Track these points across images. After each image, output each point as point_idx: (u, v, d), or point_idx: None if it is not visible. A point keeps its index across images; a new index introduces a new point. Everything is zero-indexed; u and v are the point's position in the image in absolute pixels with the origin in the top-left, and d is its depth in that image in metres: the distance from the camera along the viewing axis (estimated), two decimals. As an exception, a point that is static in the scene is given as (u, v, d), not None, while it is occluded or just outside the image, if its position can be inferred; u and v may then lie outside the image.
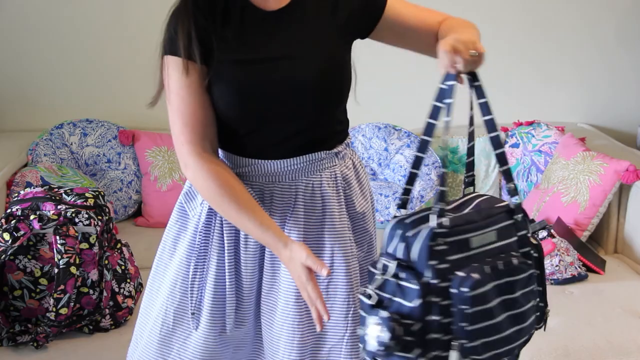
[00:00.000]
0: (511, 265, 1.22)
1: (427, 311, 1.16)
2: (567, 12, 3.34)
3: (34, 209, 2.10)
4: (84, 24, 3.16)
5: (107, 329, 2.16)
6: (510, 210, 1.27)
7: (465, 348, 1.17)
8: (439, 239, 1.17)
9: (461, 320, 1.16)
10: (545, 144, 3.11)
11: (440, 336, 1.17)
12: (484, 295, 1.17)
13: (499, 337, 1.21)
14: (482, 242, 1.22)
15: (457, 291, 1.16)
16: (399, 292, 1.18)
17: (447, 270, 1.17)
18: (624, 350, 2.11)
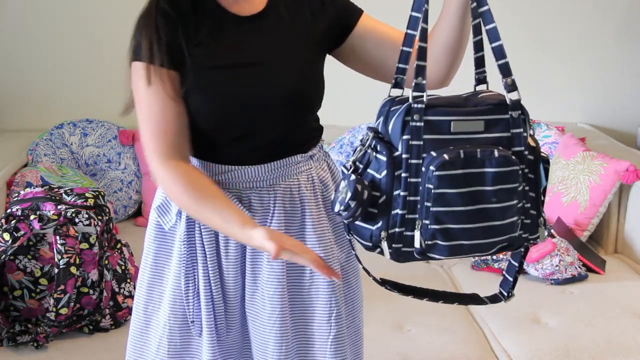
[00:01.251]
0: (490, 155, 1.18)
1: (394, 185, 1.18)
2: (567, 12, 3.34)
3: (34, 209, 2.10)
4: (84, 23, 3.16)
5: (107, 329, 2.16)
6: (506, 104, 1.23)
7: (428, 230, 1.17)
8: (416, 115, 1.17)
9: (426, 200, 1.16)
10: (545, 144, 3.11)
11: (404, 213, 1.18)
12: (452, 177, 1.15)
13: (466, 228, 1.18)
14: (465, 129, 1.20)
15: (425, 169, 1.16)
16: (374, 163, 1.20)
17: (421, 148, 1.17)
18: (624, 350, 2.11)
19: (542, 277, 2.48)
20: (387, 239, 1.20)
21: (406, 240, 1.20)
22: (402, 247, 1.21)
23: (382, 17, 1.48)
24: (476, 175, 1.17)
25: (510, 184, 1.19)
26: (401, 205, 1.18)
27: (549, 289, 2.44)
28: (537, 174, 1.26)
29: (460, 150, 1.17)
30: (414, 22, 1.21)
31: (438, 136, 1.18)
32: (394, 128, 1.19)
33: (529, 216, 1.25)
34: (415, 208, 1.18)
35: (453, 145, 1.18)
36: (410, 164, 1.17)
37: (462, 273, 2.61)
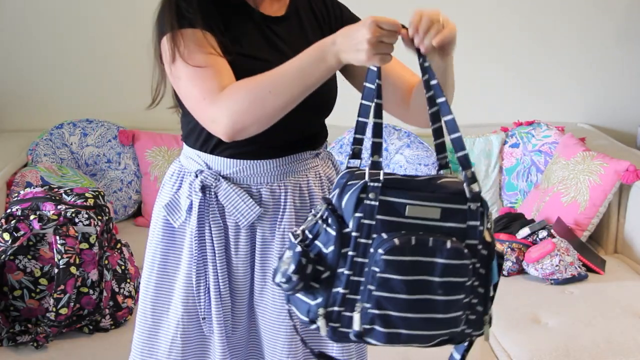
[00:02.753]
0: (442, 246, 1.13)
1: (340, 262, 1.13)
2: (567, 12, 3.34)
3: (34, 209, 2.10)
4: (84, 24, 3.16)
5: (107, 329, 2.16)
6: (465, 195, 1.17)
7: (367, 314, 1.13)
8: (372, 194, 1.13)
9: (370, 283, 1.12)
10: (545, 144, 3.11)
11: (345, 292, 1.14)
12: (400, 264, 1.11)
13: (407, 317, 1.14)
14: (420, 214, 1.15)
15: (373, 251, 1.12)
16: (323, 236, 1.16)
17: (372, 228, 1.13)
18: (624, 350, 2.11)
19: (542, 277, 2.48)
20: (325, 317, 1.15)
21: (344, 320, 1.15)
22: (339, 326, 1.16)
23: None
24: (425, 264, 1.13)
25: (458, 278, 1.15)
26: (344, 284, 1.13)
27: (549, 289, 2.44)
28: (489, 270, 1.21)
29: (412, 236, 1.12)
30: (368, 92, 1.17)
31: (392, 218, 1.14)
32: (348, 203, 1.14)
33: (475, 312, 1.21)
34: (357, 289, 1.14)
35: (406, 230, 1.13)
36: (359, 242, 1.13)
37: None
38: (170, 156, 3.03)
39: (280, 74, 1.24)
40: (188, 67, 1.30)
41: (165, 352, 1.47)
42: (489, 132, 3.22)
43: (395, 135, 3.15)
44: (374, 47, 1.15)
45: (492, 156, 3.17)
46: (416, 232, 1.13)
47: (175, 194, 1.46)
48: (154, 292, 1.49)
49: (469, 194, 1.17)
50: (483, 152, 3.17)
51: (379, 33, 1.15)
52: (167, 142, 3.06)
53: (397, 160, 3.11)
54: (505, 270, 2.54)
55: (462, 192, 1.18)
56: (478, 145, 3.17)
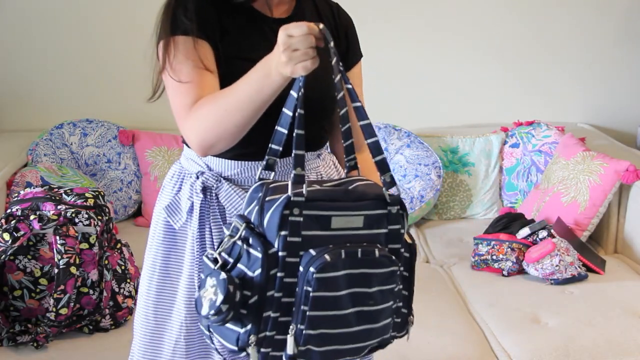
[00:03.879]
0: (371, 256, 1.11)
1: (268, 285, 1.08)
2: (566, 12, 3.34)
3: (34, 209, 2.10)
4: (84, 24, 3.16)
5: (107, 329, 2.16)
6: (385, 200, 1.16)
7: (302, 335, 1.08)
8: (295, 209, 1.08)
9: (303, 303, 1.07)
10: (545, 144, 3.11)
11: (277, 316, 1.09)
12: (333, 280, 1.08)
13: (342, 332, 1.11)
14: (345, 225, 1.12)
15: (304, 270, 1.07)
16: (245, 259, 1.10)
17: (299, 246, 1.08)
18: (624, 350, 2.11)
19: (542, 277, 2.48)
20: (257, 344, 1.09)
21: (276, 344, 1.10)
22: (270, 351, 1.11)
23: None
24: (357, 276, 1.10)
25: (389, 285, 1.14)
26: (275, 308, 1.08)
27: (549, 289, 2.44)
28: (412, 272, 1.21)
29: (341, 250, 1.09)
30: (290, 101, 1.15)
31: (318, 232, 1.10)
32: (271, 222, 1.09)
33: (400, 315, 1.21)
34: (289, 311, 1.09)
35: (333, 243, 1.10)
36: (287, 262, 1.08)
37: (462, 273, 2.61)
38: (170, 156, 3.03)
39: (233, 91, 1.22)
40: (173, 79, 1.30)
41: (169, 355, 1.46)
42: (489, 132, 3.22)
43: (395, 135, 3.15)
44: (291, 58, 1.10)
45: (492, 156, 3.17)
46: (343, 243, 1.11)
47: (175, 196, 1.45)
48: (156, 294, 1.47)
49: (388, 198, 1.16)
50: (483, 152, 3.17)
51: (289, 42, 1.10)
52: (167, 142, 3.06)
53: (397, 160, 3.11)
54: (505, 270, 2.54)
55: (381, 196, 1.16)
56: (478, 145, 3.17)
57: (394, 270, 1.14)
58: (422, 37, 3.27)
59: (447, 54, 3.31)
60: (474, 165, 3.16)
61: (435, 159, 3.10)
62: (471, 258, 2.64)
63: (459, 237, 2.92)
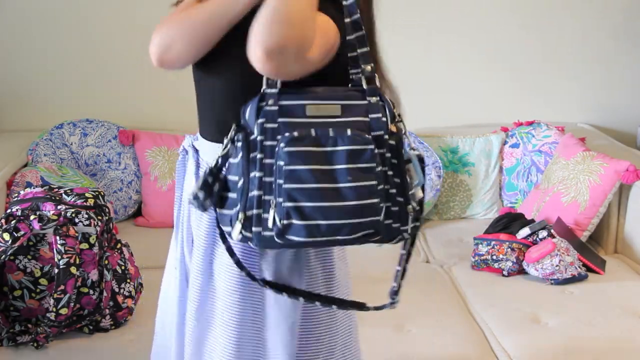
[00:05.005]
0: (343, 134, 1.20)
1: (250, 167, 1.21)
2: (566, 12, 3.34)
3: (34, 209, 2.10)
4: (84, 24, 3.16)
5: (107, 329, 2.15)
6: (363, 91, 1.27)
7: (282, 208, 1.18)
8: (270, 100, 1.21)
9: (278, 177, 1.19)
10: (545, 144, 3.11)
11: (260, 194, 1.21)
12: (303, 154, 1.18)
13: (317, 206, 1.18)
14: (321, 113, 1.22)
15: (277, 147, 1.19)
16: (233, 151, 1.25)
17: (275, 131, 1.20)
18: (624, 350, 2.11)
19: (542, 277, 2.48)
20: (245, 221, 1.21)
21: (265, 224, 1.21)
22: (261, 230, 1.21)
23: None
24: (329, 153, 1.20)
25: (364, 163, 1.21)
26: (257, 186, 1.21)
27: (549, 289, 2.44)
28: (401, 159, 1.27)
29: (311, 129, 1.20)
30: None
31: (293, 119, 1.21)
32: (250, 114, 1.23)
33: (396, 203, 1.26)
34: (271, 189, 1.20)
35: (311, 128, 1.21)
36: (265, 145, 1.21)
37: (462, 273, 2.61)
38: (170, 156, 3.03)
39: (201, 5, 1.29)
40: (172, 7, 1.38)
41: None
42: (489, 132, 3.22)
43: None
44: None
45: (492, 156, 3.17)
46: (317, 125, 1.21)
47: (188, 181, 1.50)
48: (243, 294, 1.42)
49: (366, 89, 1.27)
50: (483, 152, 3.17)
51: None
52: (167, 142, 3.06)
53: (397, 160, 3.11)
54: (506, 270, 2.54)
55: (360, 89, 1.27)
56: (478, 145, 3.17)
57: (368, 149, 1.21)
58: (422, 38, 3.27)
59: (447, 54, 3.31)
60: (474, 165, 3.16)
61: (436, 159, 3.10)
62: (471, 258, 2.64)
63: (459, 237, 2.93)
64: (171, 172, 3.01)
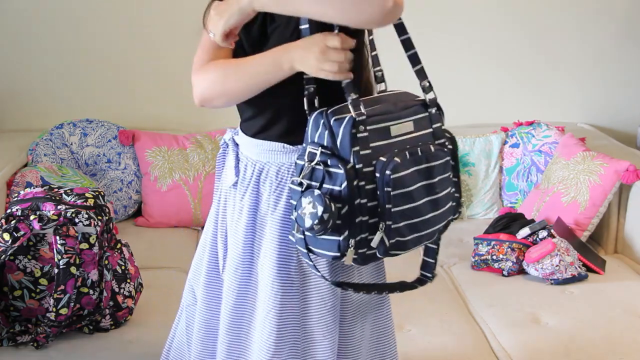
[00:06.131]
0: (429, 152, 1.34)
1: (355, 194, 1.26)
2: (567, 12, 3.34)
3: (34, 209, 2.10)
4: (84, 24, 3.16)
5: (107, 329, 2.16)
6: (425, 104, 1.41)
7: (390, 229, 1.28)
8: (360, 127, 1.27)
9: (386, 202, 1.27)
10: (545, 144, 3.11)
11: (367, 219, 1.28)
12: (405, 178, 1.29)
13: (421, 220, 1.33)
14: (401, 132, 1.33)
15: (380, 175, 1.27)
16: (328, 178, 1.27)
17: (370, 156, 1.28)
18: (624, 350, 2.11)
19: (542, 277, 2.48)
20: (355, 246, 1.27)
21: (369, 245, 1.29)
22: (366, 251, 1.30)
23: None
24: (424, 171, 1.33)
25: (445, 174, 1.38)
26: (364, 212, 1.27)
27: (549, 289, 2.44)
28: (457, 161, 1.43)
29: (405, 152, 1.30)
30: None
31: (382, 142, 1.30)
32: (343, 141, 1.27)
33: (455, 199, 1.43)
34: (375, 212, 1.28)
35: (396, 148, 1.31)
36: (365, 172, 1.27)
37: (462, 273, 2.61)
38: (170, 156, 3.03)
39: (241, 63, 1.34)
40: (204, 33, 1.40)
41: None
42: (489, 132, 3.22)
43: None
44: (321, 65, 1.26)
45: (492, 156, 3.17)
46: (404, 147, 1.32)
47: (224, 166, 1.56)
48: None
49: (428, 101, 1.42)
50: (483, 152, 3.17)
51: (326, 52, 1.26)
52: (167, 142, 3.06)
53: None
54: (506, 271, 2.54)
55: (422, 101, 1.42)
56: (478, 145, 3.17)
57: (447, 160, 1.39)
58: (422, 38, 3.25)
59: (447, 54, 3.31)
60: (474, 165, 3.16)
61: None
62: (471, 258, 2.64)
63: (459, 237, 2.93)
64: (171, 172, 3.01)
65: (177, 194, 3.00)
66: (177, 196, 3.00)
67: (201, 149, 3.05)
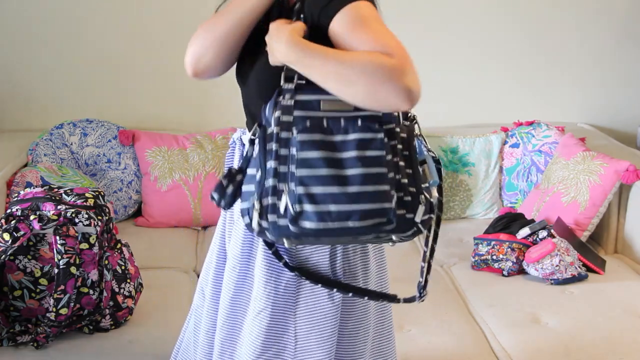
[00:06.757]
0: (354, 123, 1.28)
1: (267, 157, 1.28)
2: (567, 12, 3.34)
3: (34, 209, 2.10)
4: (84, 24, 3.16)
5: (107, 329, 2.16)
6: None
7: (294, 194, 1.24)
8: (287, 95, 1.28)
9: (291, 164, 1.25)
10: (545, 144, 3.11)
11: (274, 184, 1.26)
12: (315, 142, 1.25)
13: (328, 193, 1.24)
14: (334, 108, 1.28)
15: (290, 137, 1.27)
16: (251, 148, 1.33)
17: (291, 123, 1.27)
18: (624, 350, 2.11)
19: (542, 277, 2.48)
20: (260, 210, 1.26)
21: (279, 212, 1.26)
22: (277, 219, 1.26)
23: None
24: (339, 142, 1.26)
25: (375, 151, 1.26)
26: (272, 175, 1.27)
27: (549, 289, 2.44)
28: (413, 152, 1.33)
29: (323, 119, 1.27)
30: None
31: (307, 112, 1.28)
32: (269, 110, 1.30)
33: (409, 193, 1.29)
34: (285, 178, 1.27)
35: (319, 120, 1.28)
36: (281, 137, 1.27)
37: (462, 273, 2.61)
38: (170, 156, 3.03)
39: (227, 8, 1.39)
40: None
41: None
42: (489, 132, 3.22)
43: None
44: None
45: (492, 156, 3.17)
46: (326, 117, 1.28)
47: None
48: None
49: None
50: (483, 152, 3.17)
51: None
52: (167, 142, 3.06)
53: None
54: (506, 270, 2.54)
55: None
56: (478, 145, 3.17)
57: (377, 137, 1.27)
58: (422, 38, 3.27)
59: (447, 54, 3.31)
60: (474, 165, 3.16)
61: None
62: (471, 258, 2.64)
63: (459, 237, 2.93)
64: (171, 172, 3.01)
65: (177, 194, 3.00)
66: (177, 196, 3.00)
67: (201, 149, 3.05)
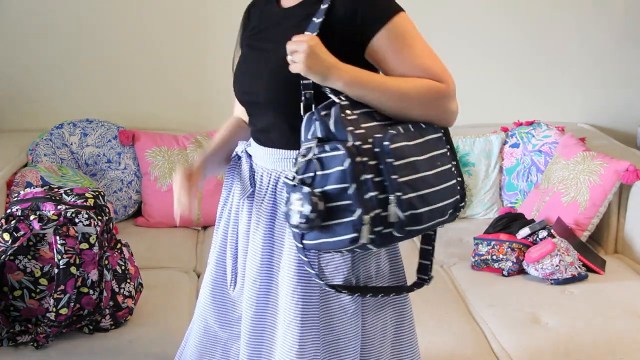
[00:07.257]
0: (420, 127, 1.34)
1: (359, 171, 1.25)
2: (567, 12, 3.34)
3: (34, 209, 2.10)
4: (84, 24, 3.16)
5: (107, 329, 2.15)
6: None
7: (401, 201, 1.26)
8: (347, 110, 1.29)
9: (391, 174, 1.26)
10: (545, 144, 3.11)
11: (376, 194, 1.26)
12: (403, 148, 1.28)
13: (429, 192, 1.31)
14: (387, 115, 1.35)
15: (380, 149, 1.27)
16: (320, 167, 1.28)
17: (365, 135, 1.28)
18: (624, 350, 2.11)
19: (542, 277, 2.48)
20: (371, 223, 1.25)
21: (385, 220, 1.26)
22: (382, 229, 1.27)
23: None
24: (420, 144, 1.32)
25: (441, 149, 1.36)
26: (372, 188, 1.25)
27: (549, 289, 2.44)
28: (451, 143, 1.41)
29: (398, 126, 1.31)
30: None
31: (372, 124, 1.31)
32: (336, 125, 1.28)
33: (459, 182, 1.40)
34: (383, 186, 1.26)
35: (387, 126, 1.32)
36: (364, 149, 1.26)
37: (462, 273, 2.61)
38: (170, 156, 3.03)
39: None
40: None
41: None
42: (489, 132, 3.22)
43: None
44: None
45: (492, 156, 3.17)
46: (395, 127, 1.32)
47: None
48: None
49: None
50: (483, 152, 3.17)
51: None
52: (167, 142, 3.06)
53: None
54: (505, 270, 2.54)
55: None
56: (478, 145, 3.17)
57: (440, 136, 1.37)
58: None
59: (447, 54, 3.30)
60: (474, 165, 3.16)
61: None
62: (471, 258, 2.64)
63: (459, 237, 2.93)
64: (171, 172, 3.01)
65: (177, 194, 3.00)
66: (177, 196, 3.00)
67: (201, 149, 3.05)
